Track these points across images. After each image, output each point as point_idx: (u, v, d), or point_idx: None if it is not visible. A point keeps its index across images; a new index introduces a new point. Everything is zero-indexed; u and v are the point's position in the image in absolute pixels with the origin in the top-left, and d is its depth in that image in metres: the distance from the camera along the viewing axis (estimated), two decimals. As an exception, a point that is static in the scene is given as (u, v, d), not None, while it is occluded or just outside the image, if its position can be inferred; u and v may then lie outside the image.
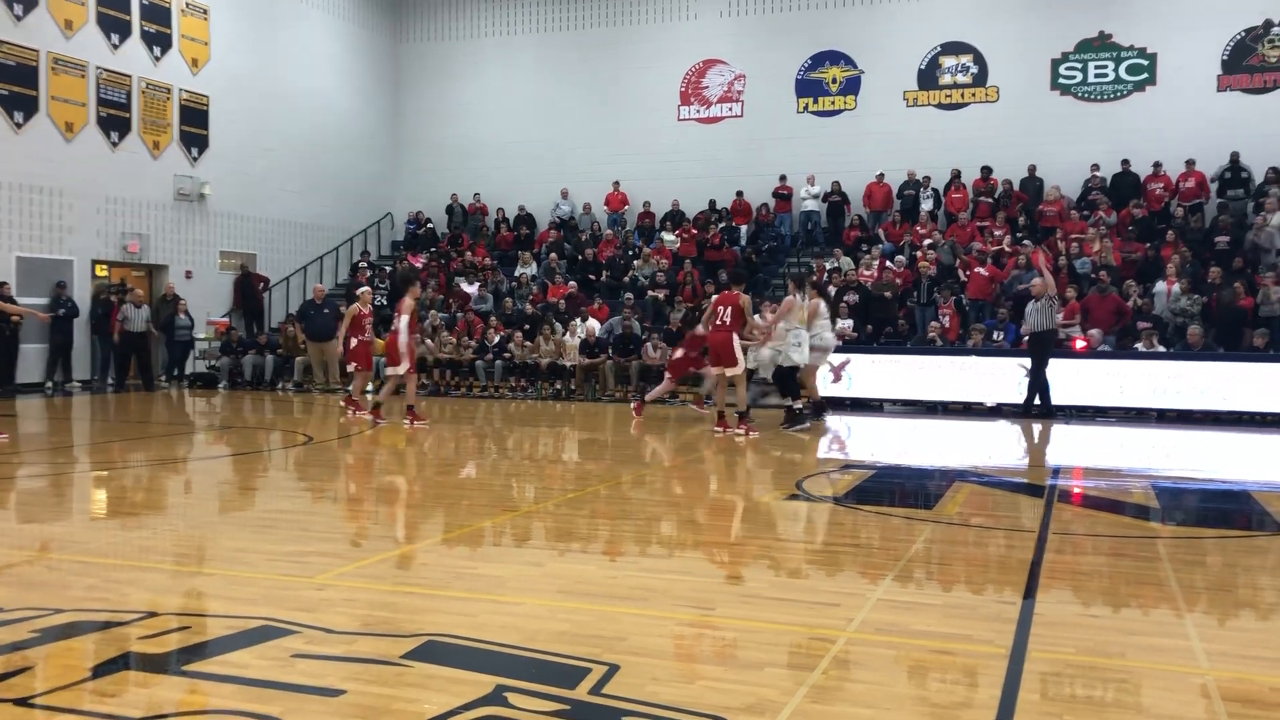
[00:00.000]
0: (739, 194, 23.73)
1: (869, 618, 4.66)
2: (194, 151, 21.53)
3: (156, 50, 20.71)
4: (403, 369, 12.92)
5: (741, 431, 12.28)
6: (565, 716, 3.33)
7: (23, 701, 3.45)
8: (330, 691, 3.55)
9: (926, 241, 20.01)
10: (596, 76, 25.46)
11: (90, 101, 19.37)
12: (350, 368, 14.85)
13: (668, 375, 14.82)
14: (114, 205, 19.86)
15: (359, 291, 15.52)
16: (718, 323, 12.53)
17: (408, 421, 12.85)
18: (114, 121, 19.83)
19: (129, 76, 20.11)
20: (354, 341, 14.47)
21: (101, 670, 3.83)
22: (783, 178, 23.37)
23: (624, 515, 7.43)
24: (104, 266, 19.94)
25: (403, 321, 12.87)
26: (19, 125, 18.05)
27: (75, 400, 16.93)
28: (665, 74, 25.00)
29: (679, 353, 14.77)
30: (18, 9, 18.02)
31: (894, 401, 16.73)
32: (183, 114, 21.27)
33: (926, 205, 22.09)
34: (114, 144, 19.87)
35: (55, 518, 7.38)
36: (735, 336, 12.43)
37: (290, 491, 8.90)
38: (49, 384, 18.25)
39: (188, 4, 21.35)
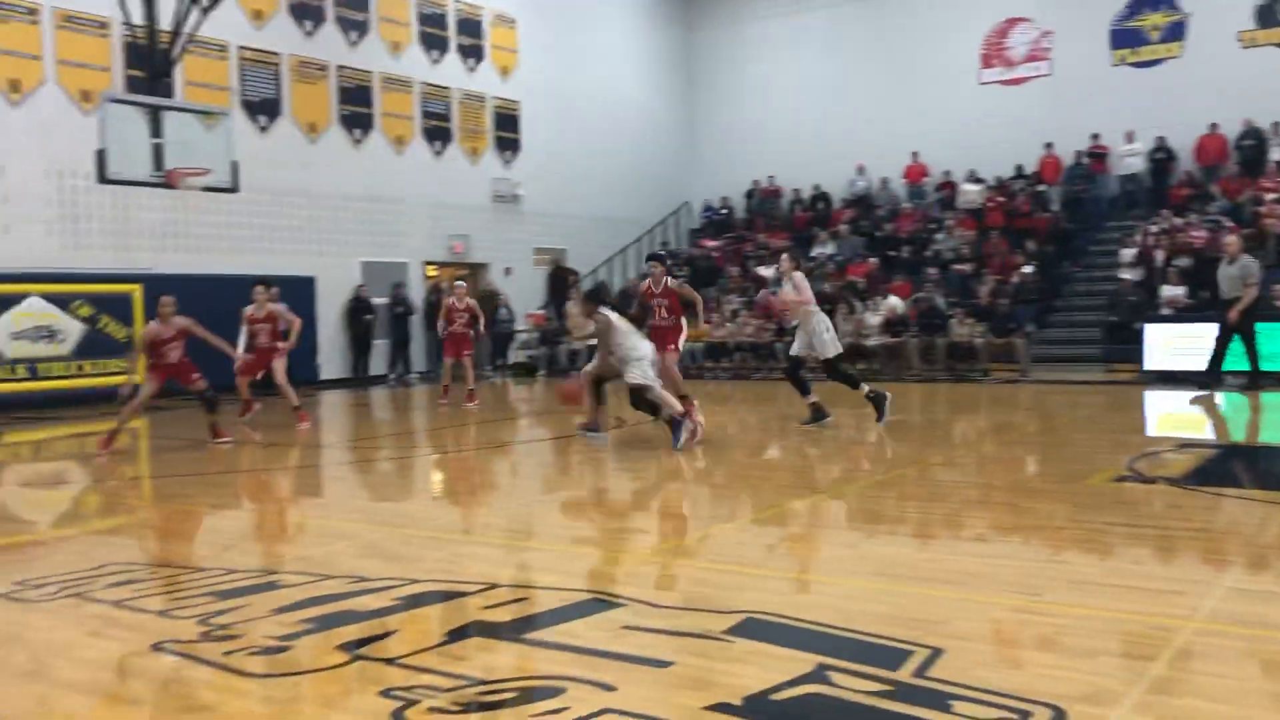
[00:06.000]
0: (1048, 146, 22.38)
1: (1217, 607, 4.30)
2: (507, 155, 22.93)
3: (471, 62, 22.20)
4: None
5: None
6: (889, 697, 3.31)
7: (390, 661, 3.84)
8: (658, 663, 3.71)
9: (1271, 196, 18.04)
10: (891, 47, 24.80)
11: (415, 115, 21.05)
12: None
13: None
14: (440, 210, 21.49)
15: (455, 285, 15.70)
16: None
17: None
18: (437, 132, 21.45)
19: (448, 89, 21.69)
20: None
21: (453, 636, 4.19)
22: (1095, 136, 21.83)
23: (936, 497, 7.25)
24: (434, 266, 21.66)
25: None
26: (358, 142, 19.91)
27: (415, 391, 18.50)
28: (964, 38, 23.97)
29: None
30: (353, 35, 19.87)
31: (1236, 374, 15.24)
32: (496, 120, 22.69)
33: (1276, 155, 19.81)
34: (437, 153, 21.50)
35: (406, 497, 8.13)
36: None
37: (607, 472, 9.31)
38: (392, 376, 20.07)
39: (497, 15, 22.73)
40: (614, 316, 9.77)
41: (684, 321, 11.30)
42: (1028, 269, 19.10)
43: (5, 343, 14.67)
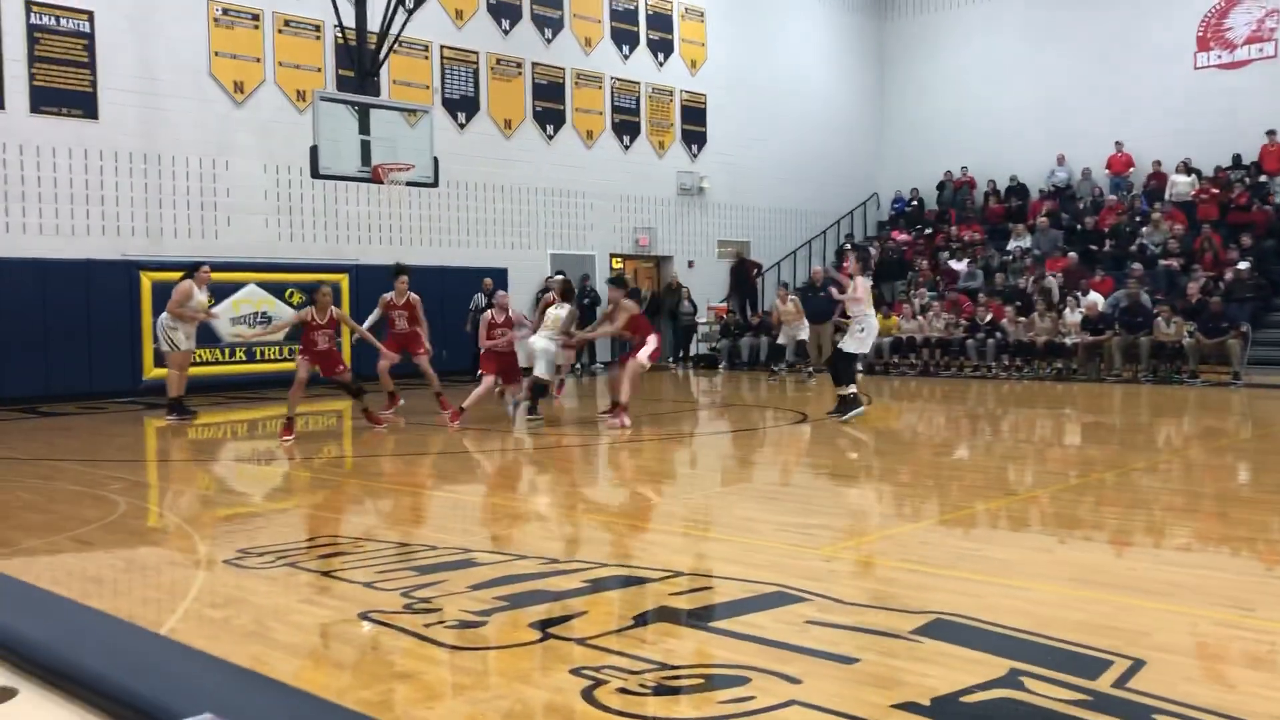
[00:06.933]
0: (1270, 134, 20.87)
1: None
2: (693, 148, 23.05)
3: (660, 56, 22.42)
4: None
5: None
6: (1088, 707, 3.19)
7: (580, 642, 3.96)
8: (844, 659, 3.69)
9: None
10: (1095, 31, 23.61)
11: (606, 110, 21.42)
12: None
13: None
14: (626, 203, 21.81)
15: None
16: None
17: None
18: (625, 126, 21.78)
19: (637, 83, 21.97)
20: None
21: (639, 620, 4.28)
22: (1327, 123, 20.24)
23: (1137, 504, 6.91)
24: (619, 259, 22.01)
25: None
26: (550, 137, 20.43)
27: (600, 379, 18.85)
28: (1178, 19, 22.59)
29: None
30: (547, 33, 20.38)
31: None
32: (683, 114, 22.84)
33: None
34: (625, 147, 21.82)
35: (589, 482, 8.33)
36: None
37: (789, 466, 9.28)
38: (577, 365, 20.49)
39: (686, 8, 22.87)
40: None
41: (648, 340, 11.55)
42: (1243, 265, 17.89)
43: (225, 327, 15.77)
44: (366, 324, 11.87)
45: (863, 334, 11.66)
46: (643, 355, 11.37)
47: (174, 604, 4.66)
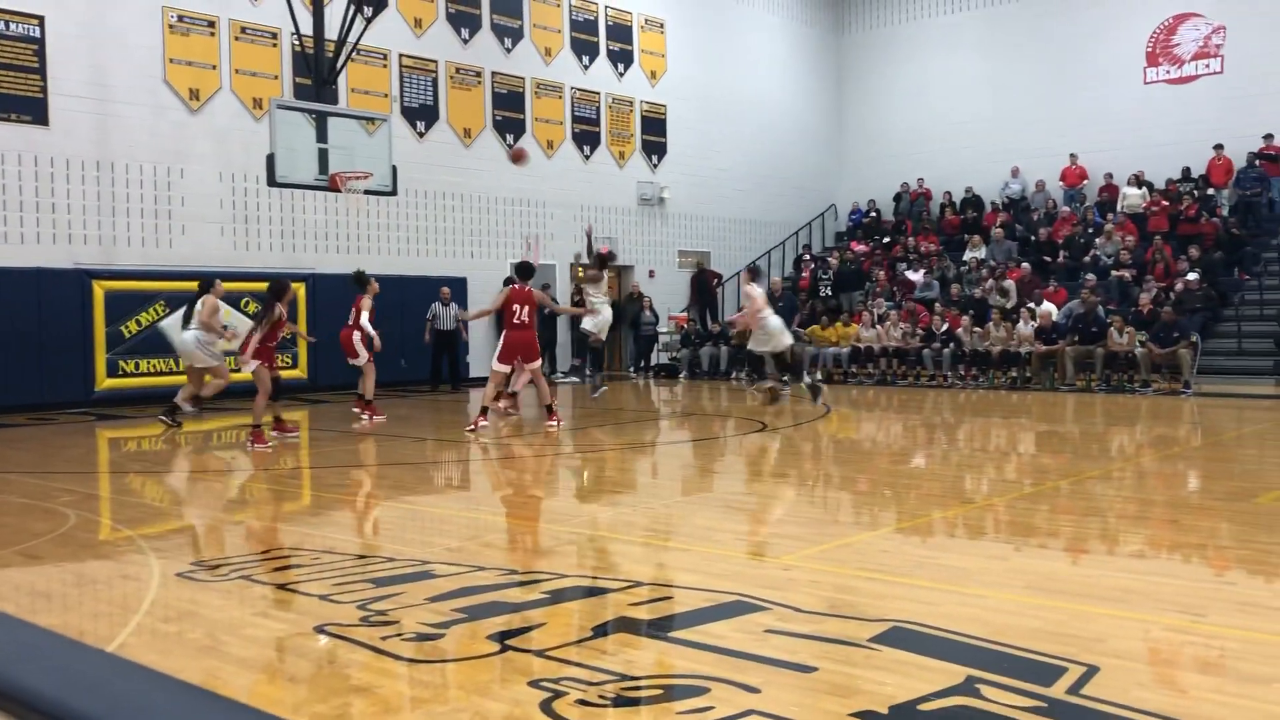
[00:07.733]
0: (1218, 148, 21.30)
1: (1404, 639, 4.04)
2: (654, 158, 23.10)
3: (620, 67, 22.47)
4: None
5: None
6: (1043, 714, 3.22)
7: (539, 653, 3.94)
8: (803, 667, 3.70)
9: None
10: (1050, 46, 24.00)
11: (566, 120, 21.42)
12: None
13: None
14: (587, 213, 21.81)
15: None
16: (515, 321, 11.65)
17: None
18: (586, 136, 21.79)
19: (597, 94, 21.99)
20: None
21: (598, 631, 4.27)
22: (1268, 137, 20.66)
23: (1091, 512, 7.00)
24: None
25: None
26: (510, 146, 20.37)
27: (558, 389, 18.80)
28: (1128, 36, 23.02)
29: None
30: (507, 42, 20.36)
31: None
32: (644, 124, 22.90)
33: None
34: (586, 157, 21.83)
35: (551, 493, 8.31)
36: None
37: (750, 475, 9.31)
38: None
39: (646, 19, 22.94)
40: None
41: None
42: (1192, 276, 18.21)
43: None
44: (361, 341, 12.30)
45: (764, 335, 13.55)
46: (494, 360, 11.74)
47: (125, 618, 4.58)
